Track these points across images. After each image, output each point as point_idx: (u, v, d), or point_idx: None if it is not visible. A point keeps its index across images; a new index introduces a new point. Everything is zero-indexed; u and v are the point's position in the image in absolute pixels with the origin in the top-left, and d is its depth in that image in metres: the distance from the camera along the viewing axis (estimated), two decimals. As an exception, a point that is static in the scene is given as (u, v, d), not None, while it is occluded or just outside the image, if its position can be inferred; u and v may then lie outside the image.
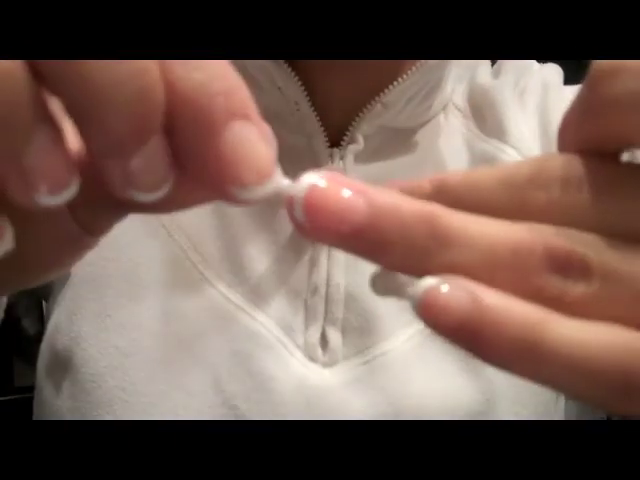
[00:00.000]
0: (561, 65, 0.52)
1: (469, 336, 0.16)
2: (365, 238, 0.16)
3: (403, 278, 0.17)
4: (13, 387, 0.99)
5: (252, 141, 0.16)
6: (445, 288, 0.16)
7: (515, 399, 0.43)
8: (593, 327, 0.16)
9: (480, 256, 0.17)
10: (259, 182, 0.17)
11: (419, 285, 0.16)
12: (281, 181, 0.17)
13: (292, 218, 0.17)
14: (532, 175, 0.18)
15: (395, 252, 0.17)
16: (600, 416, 0.51)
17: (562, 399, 0.47)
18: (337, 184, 0.17)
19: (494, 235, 0.17)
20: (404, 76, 0.42)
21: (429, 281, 0.16)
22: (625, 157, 0.18)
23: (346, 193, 0.16)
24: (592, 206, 0.17)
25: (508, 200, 0.18)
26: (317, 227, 0.16)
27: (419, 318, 0.16)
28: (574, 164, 0.18)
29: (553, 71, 0.51)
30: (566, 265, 0.17)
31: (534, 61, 0.53)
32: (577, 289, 0.17)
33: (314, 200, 0.16)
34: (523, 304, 0.16)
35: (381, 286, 0.18)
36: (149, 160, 0.16)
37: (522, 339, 0.16)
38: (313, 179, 0.16)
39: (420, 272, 0.17)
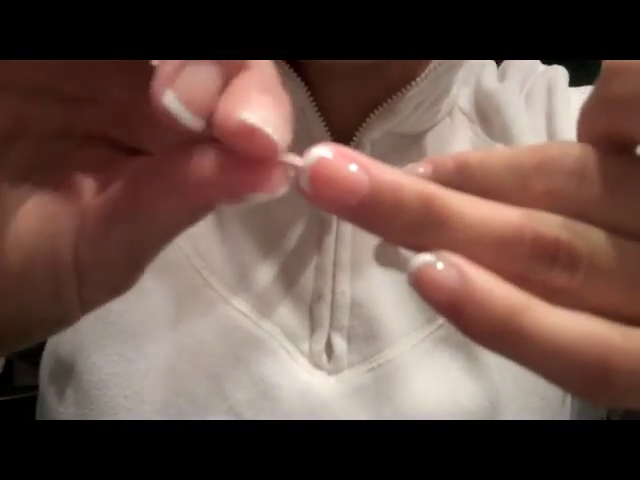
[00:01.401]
0: (561, 65, 0.51)
1: (455, 312, 0.17)
2: (365, 212, 0.17)
3: (404, 252, 0.18)
4: (13, 387, 0.99)
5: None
6: (438, 265, 0.17)
7: (522, 406, 0.43)
8: (575, 316, 0.17)
9: (472, 238, 0.17)
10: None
11: (414, 260, 0.17)
12: (288, 155, 0.18)
13: (297, 186, 0.18)
14: (538, 162, 0.18)
15: (393, 228, 0.17)
16: (600, 416, 0.51)
17: (568, 404, 0.47)
18: (343, 158, 0.17)
19: (488, 219, 0.17)
20: (412, 83, 0.42)
21: (424, 257, 0.17)
22: None
23: (351, 168, 0.17)
24: (592, 199, 0.18)
25: (512, 184, 0.18)
26: (320, 198, 0.17)
27: (413, 290, 0.17)
28: (581, 156, 0.18)
29: (558, 73, 0.50)
30: (552, 254, 0.17)
31: (539, 63, 0.52)
32: (560, 279, 0.17)
33: (320, 173, 0.17)
34: (508, 287, 0.17)
35: (383, 257, 0.19)
36: (200, 75, 0.17)
37: (503, 320, 0.17)
38: (321, 152, 0.17)
39: (417, 248, 0.18)
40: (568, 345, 0.16)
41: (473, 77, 0.50)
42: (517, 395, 0.43)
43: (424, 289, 0.17)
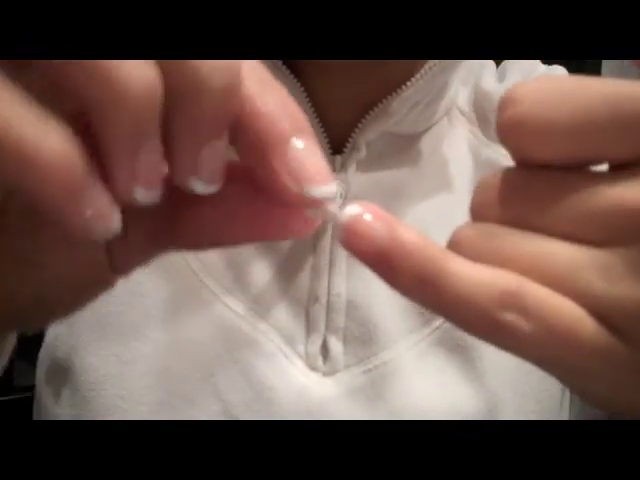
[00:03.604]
0: (561, 65, 0.51)
1: (383, 262, 0.18)
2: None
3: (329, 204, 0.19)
4: (13, 387, 0.99)
5: (309, 151, 0.19)
6: (367, 218, 0.19)
7: (519, 409, 0.43)
8: (484, 268, 0.19)
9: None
10: (321, 183, 0.19)
11: (343, 213, 0.19)
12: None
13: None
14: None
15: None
16: (601, 416, 0.51)
17: (566, 408, 0.46)
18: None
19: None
20: (408, 83, 0.42)
21: (352, 209, 0.19)
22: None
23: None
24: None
25: None
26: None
27: (341, 241, 0.19)
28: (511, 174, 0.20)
29: (559, 74, 0.50)
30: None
31: (539, 63, 0.52)
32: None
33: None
34: (428, 239, 0.19)
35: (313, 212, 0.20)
36: (217, 152, 0.18)
37: (423, 273, 0.18)
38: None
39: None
40: (475, 289, 0.18)
41: (472, 77, 0.50)
42: (513, 398, 0.43)
43: (354, 240, 0.19)
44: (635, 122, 0.18)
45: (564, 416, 0.46)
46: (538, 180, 0.20)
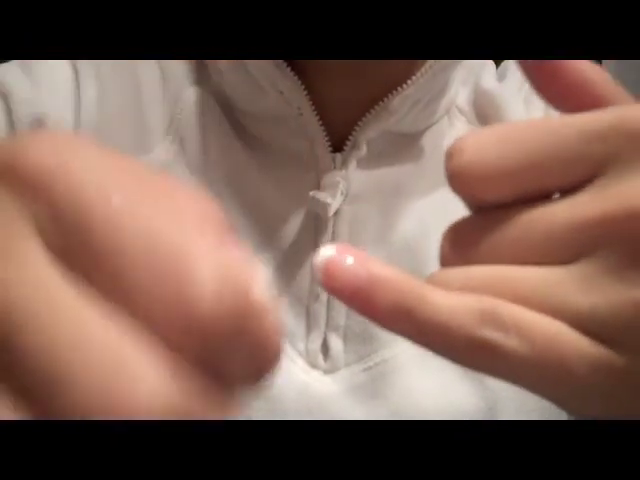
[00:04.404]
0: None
1: (360, 300, 0.19)
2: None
3: None
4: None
5: None
6: (342, 258, 0.19)
7: (519, 407, 0.43)
8: (460, 294, 0.19)
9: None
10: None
11: (320, 254, 0.19)
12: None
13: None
14: None
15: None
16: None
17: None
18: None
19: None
20: (408, 82, 0.42)
21: (328, 251, 0.19)
22: None
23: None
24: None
25: None
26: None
27: (319, 283, 0.19)
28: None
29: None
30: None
31: None
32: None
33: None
34: (404, 275, 0.19)
35: None
36: None
37: (401, 304, 0.19)
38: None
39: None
40: (453, 313, 0.19)
41: (472, 77, 0.50)
42: (514, 397, 0.43)
43: (330, 281, 0.19)
44: (571, 155, 0.19)
45: (565, 415, 0.46)
46: (493, 219, 0.20)
